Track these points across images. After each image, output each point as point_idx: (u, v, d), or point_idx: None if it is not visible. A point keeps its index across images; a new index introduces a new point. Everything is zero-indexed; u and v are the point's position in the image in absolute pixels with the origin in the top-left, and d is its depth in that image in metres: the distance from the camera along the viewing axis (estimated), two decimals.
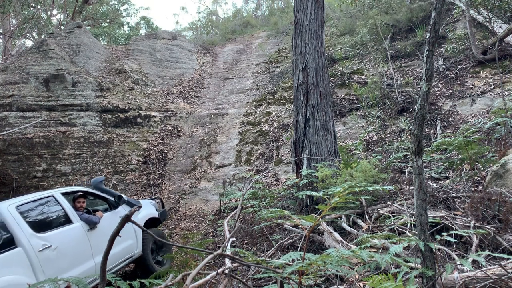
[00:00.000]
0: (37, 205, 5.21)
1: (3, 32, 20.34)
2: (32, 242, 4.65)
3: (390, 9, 13.53)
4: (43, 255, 4.69)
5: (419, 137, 2.77)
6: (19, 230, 4.62)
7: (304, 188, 5.86)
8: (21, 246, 4.54)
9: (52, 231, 5.01)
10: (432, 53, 2.72)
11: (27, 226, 4.75)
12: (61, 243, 5.00)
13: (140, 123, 13.10)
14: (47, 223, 5.11)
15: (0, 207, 4.70)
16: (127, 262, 6.17)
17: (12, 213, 4.73)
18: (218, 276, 3.05)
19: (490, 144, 6.47)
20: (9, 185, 10.38)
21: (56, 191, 5.59)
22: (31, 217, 4.96)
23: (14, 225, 4.63)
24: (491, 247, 3.61)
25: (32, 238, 4.69)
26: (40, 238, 4.78)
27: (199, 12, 46.59)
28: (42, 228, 4.93)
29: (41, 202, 5.26)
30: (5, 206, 4.76)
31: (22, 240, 4.57)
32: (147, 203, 7.27)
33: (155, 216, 7.13)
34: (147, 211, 7.00)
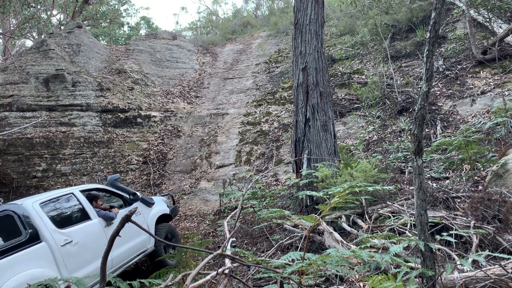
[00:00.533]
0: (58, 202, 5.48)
1: (3, 32, 20.34)
2: (55, 237, 4.92)
3: (390, 9, 13.53)
4: (65, 249, 4.96)
5: (419, 137, 2.77)
6: (43, 226, 4.88)
7: (304, 188, 5.86)
8: (45, 241, 4.81)
9: (72, 227, 5.29)
10: (432, 53, 2.72)
11: (50, 222, 5.02)
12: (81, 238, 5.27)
13: (140, 123, 13.10)
14: (68, 219, 5.40)
15: (26, 204, 4.94)
16: (141, 257, 6.48)
17: (37, 210, 4.98)
18: (218, 276, 3.05)
19: (490, 144, 6.47)
20: (9, 185, 10.38)
21: (75, 189, 5.87)
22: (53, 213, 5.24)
23: (38, 221, 4.89)
24: (491, 247, 3.61)
25: (55, 233, 4.96)
26: (62, 233, 5.05)
27: (199, 12, 46.61)
28: (63, 224, 5.22)
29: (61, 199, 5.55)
30: (30, 203, 5.01)
31: (46, 235, 4.84)
32: (159, 200, 7.57)
33: (167, 212, 7.48)
34: (159, 207, 7.31)
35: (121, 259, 5.90)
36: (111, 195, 6.64)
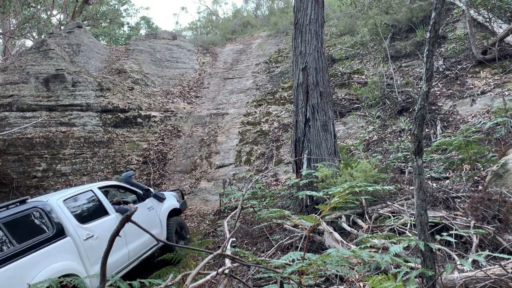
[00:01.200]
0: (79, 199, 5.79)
1: (3, 32, 20.34)
2: (78, 232, 5.25)
3: (390, 9, 13.53)
4: (87, 243, 5.28)
5: (419, 137, 2.77)
6: (67, 222, 5.21)
7: (304, 188, 5.86)
8: (70, 235, 5.14)
9: (93, 222, 5.61)
10: (432, 53, 2.72)
11: (73, 218, 5.34)
12: (101, 233, 5.56)
13: (140, 123, 13.10)
14: (88, 215, 5.69)
15: (51, 202, 5.24)
16: (154, 249, 6.81)
17: (61, 207, 5.29)
18: (218, 276, 3.05)
19: (490, 144, 6.47)
20: (9, 185, 10.38)
21: (93, 186, 6.19)
22: (75, 209, 5.55)
23: (63, 217, 5.22)
24: (491, 247, 3.61)
25: (78, 228, 5.29)
26: (84, 228, 5.38)
27: (199, 12, 46.60)
28: (85, 220, 5.53)
29: (82, 196, 5.85)
30: (54, 200, 5.31)
31: (70, 231, 5.17)
32: (170, 195, 7.93)
33: (177, 206, 7.84)
34: (170, 202, 7.66)
35: (137, 251, 6.25)
36: (125, 191, 6.97)
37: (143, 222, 6.55)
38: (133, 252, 6.16)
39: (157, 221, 7.06)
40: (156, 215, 7.08)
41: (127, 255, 5.99)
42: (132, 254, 6.13)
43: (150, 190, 7.23)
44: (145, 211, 6.80)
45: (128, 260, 6.00)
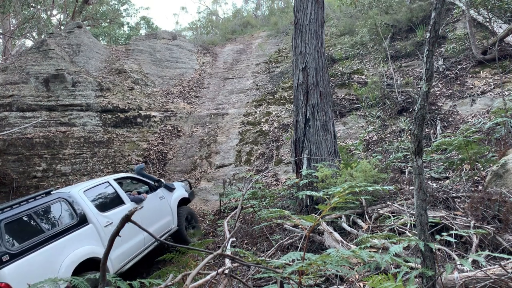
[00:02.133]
0: (98, 190, 6.28)
1: (3, 32, 20.34)
2: (99, 220, 5.76)
3: (390, 9, 13.52)
4: (107, 230, 5.76)
5: (419, 137, 2.77)
6: (89, 211, 5.71)
7: (304, 188, 5.86)
8: (92, 223, 5.65)
9: (111, 210, 6.11)
10: (432, 53, 2.72)
11: (93, 207, 5.84)
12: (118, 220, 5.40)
13: (140, 123, 13.10)
14: (107, 204, 6.19)
15: (73, 192, 5.75)
16: (167, 236, 7.26)
17: (82, 197, 5.79)
18: (218, 276, 3.05)
19: (490, 144, 6.47)
20: (9, 185, 10.38)
21: (110, 178, 6.72)
22: (95, 199, 6.03)
23: (85, 206, 5.72)
24: (491, 247, 3.61)
25: (99, 216, 5.80)
26: (104, 216, 5.89)
27: (199, 12, 46.57)
28: (104, 208, 6.03)
29: (100, 187, 6.34)
30: (76, 190, 5.82)
31: (92, 218, 5.69)
32: (179, 185, 8.37)
33: (186, 196, 8.31)
34: (179, 192, 8.12)
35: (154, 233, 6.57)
36: (138, 182, 7.47)
37: (156, 210, 7.12)
38: (148, 237, 6.56)
39: (168, 209, 7.52)
40: (167, 204, 7.55)
41: (143, 241, 6.50)
42: (148, 239, 6.59)
43: (161, 180, 7.73)
44: (157, 200, 7.27)
45: (144, 245, 6.52)
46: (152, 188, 7.42)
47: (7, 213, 4.79)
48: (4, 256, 4.39)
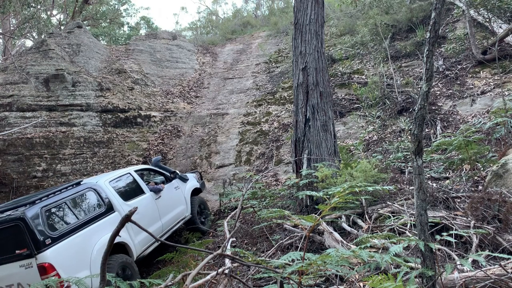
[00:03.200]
0: (120, 180, 6.77)
1: (3, 32, 20.33)
2: (123, 208, 6.23)
3: (390, 9, 13.52)
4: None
5: (419, 137, 2.77)
6: (114, 199, 6.23)
7: (304, 188, 5.85)
8: (117, 211, 6.14)
9: (133, 199, 6.60)
10: (432, 53, 2.72)
11: (118, 196, 6.36)
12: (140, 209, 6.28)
13: (140, 123, 13.10)
14: (129, 193, 6.69)
15: (100, 183, 6.24)
16: (181, 223, 7.81)
17: (108, 187, 6.31)
18: (218, 276, 3.05)
19: (490, 144, 6.47)
20: (9, 185, 10.38)
21: (131, 169, 7.25)
22: (119, 189, 6.55)
23: (111, 195, 6.23)
24: (491, 247, 3.61)
25: (123, 205, 6.30)
26: (127, 205, 6.35)
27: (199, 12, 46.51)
28: (127, 197, 6.54)
29: (122, 178, 6.84)
30: (103, 181, 6.32)
31: (117, 207, 6.19)
32: (191, 176, 8.90)
33: (198, 186, 8.85)
34: (192, 182, 8.65)
35: (169, 224, 7.32)
36: (155, 173, 8.03)
37: (172, 199, 7.66)
38: (166, 224, 7.22)
39: (183, 198, 8.06)
40: (181, 194, 8.08)
41: (161, 227, 7.05)
42: (165, 226, 7.20)
43: (176, 172, 8.31)
44: (172, 190, 7.82)
45: (162, 232, 7.06)
46: (168, 179, 7.93)
47: (46, 202, 5.23)
48: (47, 240, 4.85)
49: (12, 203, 5.59)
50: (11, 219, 4.83)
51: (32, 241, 4.72)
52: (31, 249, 4.72)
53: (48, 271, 4.68)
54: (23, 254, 4.71)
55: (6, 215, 4.97)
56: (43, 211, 5.07)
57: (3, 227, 4.83)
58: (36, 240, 4.74)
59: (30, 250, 4.72)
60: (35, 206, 5.06)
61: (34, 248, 4.71)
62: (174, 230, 7.49)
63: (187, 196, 8.20)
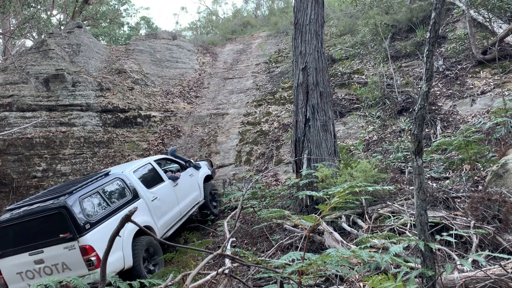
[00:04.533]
0: (142, 170, 7.33)
1: (3, 32, 20.33)
2: (147, 195, 6.85)
3: (390, 9, 13.51)
4: (153, 204, 6.90)
5: (419, 137, 2.77)
6: (139, 187, 6.80)
7: (304, 188, 5.85)
8: (142, 198, 6.71)
9: (155, 187, 7.18)
10: (432, 53, 2.72)
11: (142, 184, 6.91)
12: (161, 195, 7.19)
13: (140, 123, 13.09)
14: (151, 182, 7.24)
15: (126, 172, 6.83)
16: (196, 208, 8.45)
17: (133, 176, 6.88)
18: (218, 276, 3.05)
19: (490, 144, 6.47)
20: (9, 185, 10.37)
21: (151, 159, 7.86)
22: (142, 178, 7.10)
23: (136, 184, 6.80)
24: (491, 247, 3.61)
25: (146, 192, 6.88)
26: (150, 192, 6.98)
27: (199, 12, 46.48)
28: (149, 185, 7.10)
29: (144, 168, 7.42)
30: (127, 171, 6.90)
31: (142, 194, 6.76)
32: (203, 164, 9.46)
33: (209, 173, 9.47)
34: (204, 170, 9.24)
35: (185, 208, 7.92)
36: (171, 162, 8.58)
37: (187, 186, 8.25)
38: (183, 209, 7.83)
39: (196, 185, 8.65)
40: (195, 181, 8.68)
41: (179, 212, 7.66)
42: (182, 210, 7.80)
43: (191, 160, 8.94)
44: (187, 177, 8.41)
45: (179, 216, 7.66)
46: (183, 167, 8.50)
47: (82, 191, 5.79)
48: (86, 225, 5.42)
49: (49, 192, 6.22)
50: (54, 207, 5.38)
51: (74, 226, 5.28)
52: (73, 233, 5.27)
53: (88, 252, 5.26)
54: (67, 237, 5.27)
55: (50, 203, 5.49)
56: (81, 200, 5.64)
57: (47, 214, 5.38)
58: (78, 225, 5.31)
59: (72, 234, 5.27)
60: (73, 195, 5.63)
61: (76, 232, 5.27)
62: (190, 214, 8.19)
63: (200, 183, 8.80)
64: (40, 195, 6.23)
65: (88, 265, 5.27)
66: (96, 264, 5.25)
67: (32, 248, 5.40)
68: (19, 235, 5.48)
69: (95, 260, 5.25)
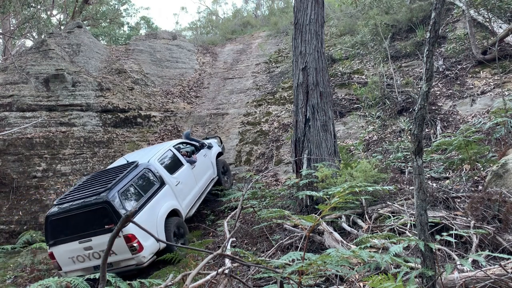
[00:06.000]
0: (164, 157, 7.91)
1: (3, 32, 20.33)
2: (171, 181, 7.52)
3: (391, 9, 13.52)
4: (177, 188, 7.60)
5: (419, 137, 2.77)
6: (164, 175, 7.46)
7: (304, 188, 5.85)
8: (168, 184, 7.39)
9: (176, 172, 7.86)
10: (432, 53, 2.72)
11: (166, 171, 7.56)
12: (182, 179, 7.88)
13: (140, 123, 13.09)
14: (172, 167, 7.88)
15: (152, 162, 7.41)
16: (211, 185, 9.12)
17: (158, 165, 7.50)
18: (218, 276, 3.05)
19: (490, 144, 6.47)
20: (9, 185, 10.37)
21: (170, 145, 8.40)
22: (165, 165, 7.73)
23: (161, 171, 7.44)
24: (491, 247, 3.61)
25: (170, 178, 7.55)
26: (173, 177, 7.65)
27: (199, 12, 46.47)
28: (172, 171, 7.76)
29: (166, 155, 8.00)
30: (153, 160, 7.47)
31: (167, 180, 7.42)
32: (214, 142, 10.19)
33: (220, 150, 10.23)
34: (215, 148, 9.96)
35: (202, 187, 8.66)
36: (186, 145, 9.27)
37: (203, 166, 8.93)
38: (201, 188, 8.57)
39: (210, 163, 9.36)
40: (209, 160, 9.38)
41: (198, 191, 8.40)
42: (201, 189, 8.56)
43: (204, 142, 9.53)
44: (202, 158, 9.07)
45: (198, 195, 8.41)
46: (197, 149, 9.14)
47: (119, 185, 6.47)
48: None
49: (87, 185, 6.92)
50: (98, 203, 6.11)
51: (117, 218, 5.93)
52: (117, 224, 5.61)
53: (131, 240, 6.03)
54: (112, 228, 5.90)
55: (93, 199, 6.19)
56: (119, 193, 6.36)
57: (93, 208, 6.11)
58: (120, 217, 5.80)
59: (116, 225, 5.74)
60: (113, 190, 6.30)
61: None
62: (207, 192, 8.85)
63: (213, 161, 9.51)
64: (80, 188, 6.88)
65: (132, 250, 6.06)
66: (138, 249, 6.07)
67: (81, 237, 6.11)
68: (69, 226, 6.21)
69: (137, 246, 6.06)
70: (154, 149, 8.32)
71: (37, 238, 8.62)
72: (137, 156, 8.05)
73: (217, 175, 9.45)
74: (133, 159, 7.62)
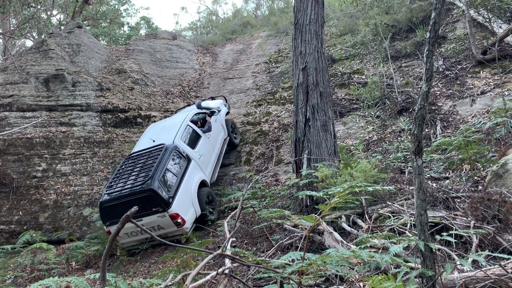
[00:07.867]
0: (185, 133, 8.66)
1: (3, 32, 20.32)
2: (195, 155, 8.44)
3: (391, 9, 13.52)
4: (200, 160, 8.56)
5: (419, 137, 2.77)
6: (189, 151, 8.36)
7: (304, 188, 5.85)
8: (192, 159, 8.33)
9: (197, 146, 8.74)
10: (432, 53, 2.72)
11: (189, 148, 8.43)
12: (203, 151, 8.80)
13: (140, 123, 13.08)
14: (193, 142, 8.74)
15: (176, 142, 8.21)
16: (225, 146, 10.15)
17: (182, 143, 8.32)
18: (218, 276, 3.05)
19: (490, 144, 6.47)
20: (9, 185, 10.36)
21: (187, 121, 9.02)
22: (186, 141, 8.56)
23: (186, 149, 8.32)
24: (491, 247, 3.61)
25: (193, 153, 8.44)
26: (195, 152, 8.55)
27: (199, 12, 46.44)
28: (193, 146, 8.64)
29: (185, 131, 8.71)
30: (177, 140, 8.27)
31: (192, 156, 8.34)
32: (221, 103, 11.11)
33: (227, 110, 11.26)
34: (223, 110, 10.85)
35: (218, 150, 9.62)
36: (199, 114, 9.88)
37: (215, 130, 9.74)
38: (217, 152, 9.51)
39: (221, 126, 10.22)
40: (220, 123, 10.22)
41: (215, 155, 9.40)
42: (217, 153, 9.49)
43: (215, 110, 10.13)
44: (214, 124, 9.78)
45: (216, 158, 9.36)
46: (209, 115, 9.74)
47: (158, 173, 7.31)
48: (170, 199, 7.24)
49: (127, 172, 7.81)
50: (144, 191, 7.09)
51: (162, 202, 7.08)
52: (163, 207, 7.09)
53: (176, 217, 7.15)
54: (159, 210, 7.08)
55: (140, 187, 7.15)
56: (160, 180, 7.28)
57: (140, 196, 7.07)
58: (165, 201, 7.13)
59: (162, 208, 7.08)
60: (154, 178, 7.20)
61: (164, 206, 7.10)
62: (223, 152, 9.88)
63: (223, 123, 10.35)
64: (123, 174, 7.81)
65: (177, 225, 7.22)
66: (182, 223, 7.24)
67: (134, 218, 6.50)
68: (121, 210, 6.69)
69: (181, 221, 7.21)
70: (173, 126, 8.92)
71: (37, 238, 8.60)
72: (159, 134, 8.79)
73: (227, 135, 10.36)
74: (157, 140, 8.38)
